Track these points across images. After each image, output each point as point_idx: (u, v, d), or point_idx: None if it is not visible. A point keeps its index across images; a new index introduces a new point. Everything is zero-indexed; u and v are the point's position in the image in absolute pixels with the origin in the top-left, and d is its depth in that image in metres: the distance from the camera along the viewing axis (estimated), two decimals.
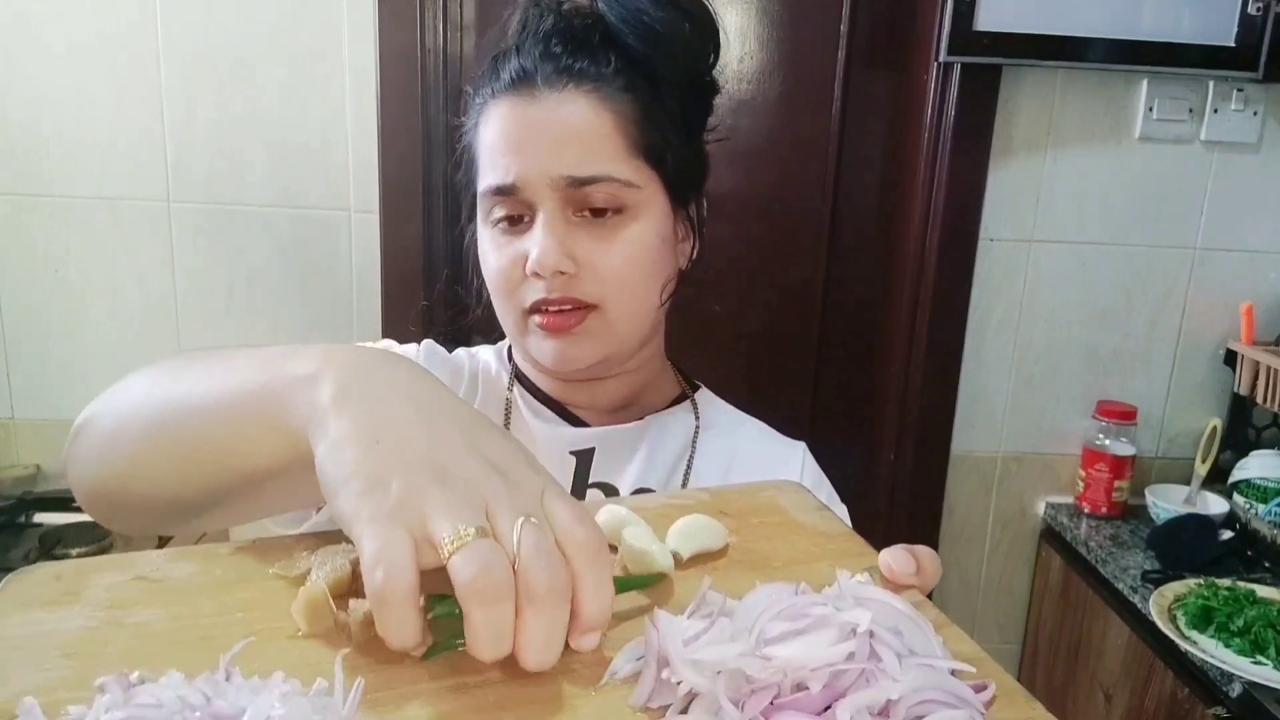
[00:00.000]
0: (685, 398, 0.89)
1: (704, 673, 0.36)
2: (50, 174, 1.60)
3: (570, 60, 0.74)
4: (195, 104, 1.59)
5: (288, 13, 1.56)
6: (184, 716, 0.33)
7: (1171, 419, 1.78)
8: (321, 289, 1.66)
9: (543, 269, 0.72)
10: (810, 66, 1.70)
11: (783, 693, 0.35)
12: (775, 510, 0.56)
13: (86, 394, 0.62)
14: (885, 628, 0.38)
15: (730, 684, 0.36)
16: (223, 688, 0.35)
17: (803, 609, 0.39)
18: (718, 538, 0.51)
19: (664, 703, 0.38)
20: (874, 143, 1.75)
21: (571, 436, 0.82)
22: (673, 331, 0.88)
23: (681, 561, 0.49)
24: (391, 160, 1.60)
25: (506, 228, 0.75)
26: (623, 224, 0.74)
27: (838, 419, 1.86)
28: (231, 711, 0.33)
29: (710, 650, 0.37)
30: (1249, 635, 1.24)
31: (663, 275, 0.79)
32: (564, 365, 0.77)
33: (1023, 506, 1.81)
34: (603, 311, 0.75)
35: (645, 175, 0.75)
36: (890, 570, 0.48)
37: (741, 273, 1.76)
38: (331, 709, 0.34)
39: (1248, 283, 1.72)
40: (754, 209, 1.75)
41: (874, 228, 1.79)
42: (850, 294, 1.81)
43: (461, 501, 0.40)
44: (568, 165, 0.72)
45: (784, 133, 1.73)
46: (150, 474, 0.55)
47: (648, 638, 0.39)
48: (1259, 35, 1.54)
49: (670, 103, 0.76)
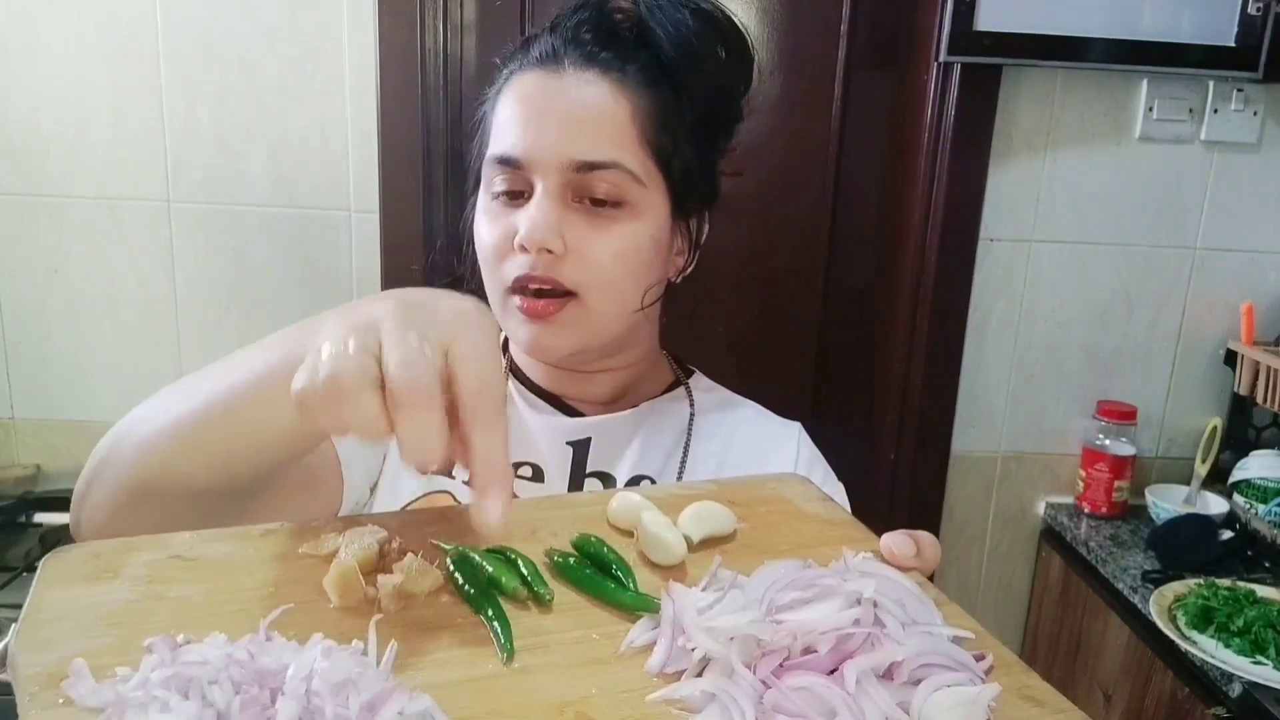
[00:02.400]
0: (679, 384, 0.89)
1: (718, 639, 0.38)
2: (50, 174, 1.60)
3: (598, 48, 0.75)
4: (195, 104, 1.59)
5: (288, 13, 1.56)
6: (229, 673, 0.35)
7: (1171, 419, 1.78)
8: (321, 289, 1.66)
9: (530, 243, 0.72)
10: (810, 66, 1.70)
11: (792, 655, 0.37)
12: (780, 500, 0.58)
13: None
14: (889, 599, 0.39)
15: (742, 649, 0.38)
16: (265, 647, 0.37)
17: (810, 580, 0.41)
18: (727, 523, 0.53)
19: (679, 668, 0.40)
20: (874, 143, 1.75)
21: (568, 427, 0.83)
22: (671, 332, 0.88)
23: (693, 544, 0.51)
24: (391, 160, 1.60)
25: (506, 201, 0.76)
26: (619, 218, 0.75)
27: (838, 418, 1.86)
28: (275, 667, 0.35)
29: (724, 618, 0.39)
30: (1249, 635, 1.24)
31: (649, 279, 0.78)
32: (539, 353, 0.78)
33: (1023, 506, 1.81)
34: (581, 301, 0.75)
35: (651, 173, 0.75)
36: (891, 553, 0.50)
37: (741, 272, 1.76)
38: (369, 666, 0.36)
39: (1248, 283, 1.71)
40: (754, 209, 1.74)
41: (874, 228, 1.79)
42: (850, 294, 1.81)
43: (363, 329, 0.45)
44: (579, 149, 0.72)
45: (784, 133, 1.72)
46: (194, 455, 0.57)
47: (663, 608, 0.42)
48: (1259, 35, 1.54)
49: (688, 112, 0.77)
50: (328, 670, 0.35)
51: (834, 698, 0.35)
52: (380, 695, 0.35)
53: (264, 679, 0.35)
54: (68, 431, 1.69)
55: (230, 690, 0.35)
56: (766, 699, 0.36)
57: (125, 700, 0.35)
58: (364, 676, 0.36)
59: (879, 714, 0.35)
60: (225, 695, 0.34)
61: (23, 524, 1.58)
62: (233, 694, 0.34)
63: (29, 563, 1.39)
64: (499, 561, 0.48)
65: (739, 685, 0.37)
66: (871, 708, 0.35)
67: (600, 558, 0.49)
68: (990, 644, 0.42)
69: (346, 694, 0.34)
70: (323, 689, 0.34)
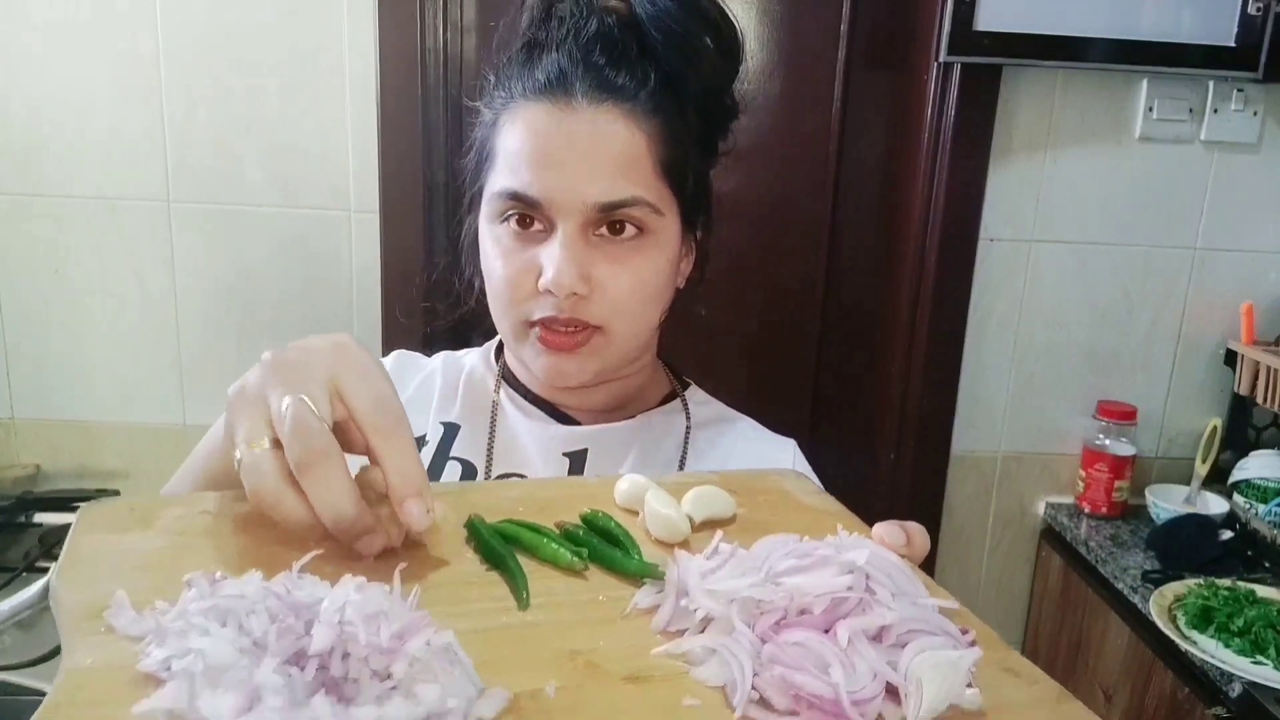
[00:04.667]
0: (675, 396, 0.89)
1: (719, 600, 0.42)
2: (50, 174, 1.60)
3: (612, 74, 0.73)
4: (195, 104, 1.59)
5: (288, 13, 1.56)
6: (266, 604, 0.37)
7: (1171, 419, 1.78)
8: (321, 289, 1.66)
9: (558, 289, 0.71)
10: (810, 66, 1.70)
11: (789, 616, 0.40)
12: (779, 491, 0.61)
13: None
14: (880, 571, 0.43)
15: (742, 610, 0.41)
16: (299, 583, 0.40)
17: (807, 550, 0.44)
18: (727, 507, 0.56)
19: (681, 627, 0.43)
20: (874, 143, 1.75)
21: (564, 436, 0.82)
22: (671, 333, 0.88)
23: (695, 524, 0.54)
24: (391, 160, 1.60)
25: (519, 232, 0.74)
26: (639, 248, 0.74)
27: (838, 419, 1.86)
28: (309, 600, 0.38)
29: (725, 582, 0.42)
30: (1249, 635, 1.24)
31: (666, 298, 0.79)
32: (559, 381, 0.77)
33: (1023, 506, 1.81)
34: (606, 333, 0.75)
35: (666, 199, 0.75)
36: (882, 541, 0.52)
37: (741, 273, 1.76)
38: (399, 601, 0.39)
39: (1248, 283, 1.71)
40: (754, 209, 1.74)
41: (874, 227, 1.79)
42: (850, 294, 1.81)
43: (255, 409, 0.49)
44: (601, 190, 0.71)
45: (784, 132, 1.73)
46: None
47: (669, 572, 0.45)
48: (1259, 35, 1.54)
49: (692, 118, 0.76)
50: (360, 602, 0.37)
51: (828, 652, 0.38)
52: (409, 626, 0.37)
53: (299, 611, 0.37)
54: (68, 431, 1.69)
55: (266, 620, 0.36)
56: (764, 652, 0.39)
57: (165, 629, 0.37)
58: (394, 609, 0.38)
59: (869, 669, 0.38)
60: (262, 624, 0.36)
61: (22, 524, 1.57)
62: (269, 623, 0.36)
63: (29, 563, 1.39)
64: (526, 529, 0.51)
65: (738, 641, 0.39)
66: (862, 663, 0.38)
67: (608, 531, 0.52)
68: (974, 623, 0.45)
69: (378, 624, 0.36)
70: (356, 619, 0.36)
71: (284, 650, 0.35)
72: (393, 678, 0.35)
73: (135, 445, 1.70)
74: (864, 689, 0.37)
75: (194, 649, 0.35)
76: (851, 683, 0.37)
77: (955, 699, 0.38)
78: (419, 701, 0.34)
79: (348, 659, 0.35)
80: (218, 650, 0.34)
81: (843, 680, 0.37)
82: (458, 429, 0.84)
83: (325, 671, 0.35)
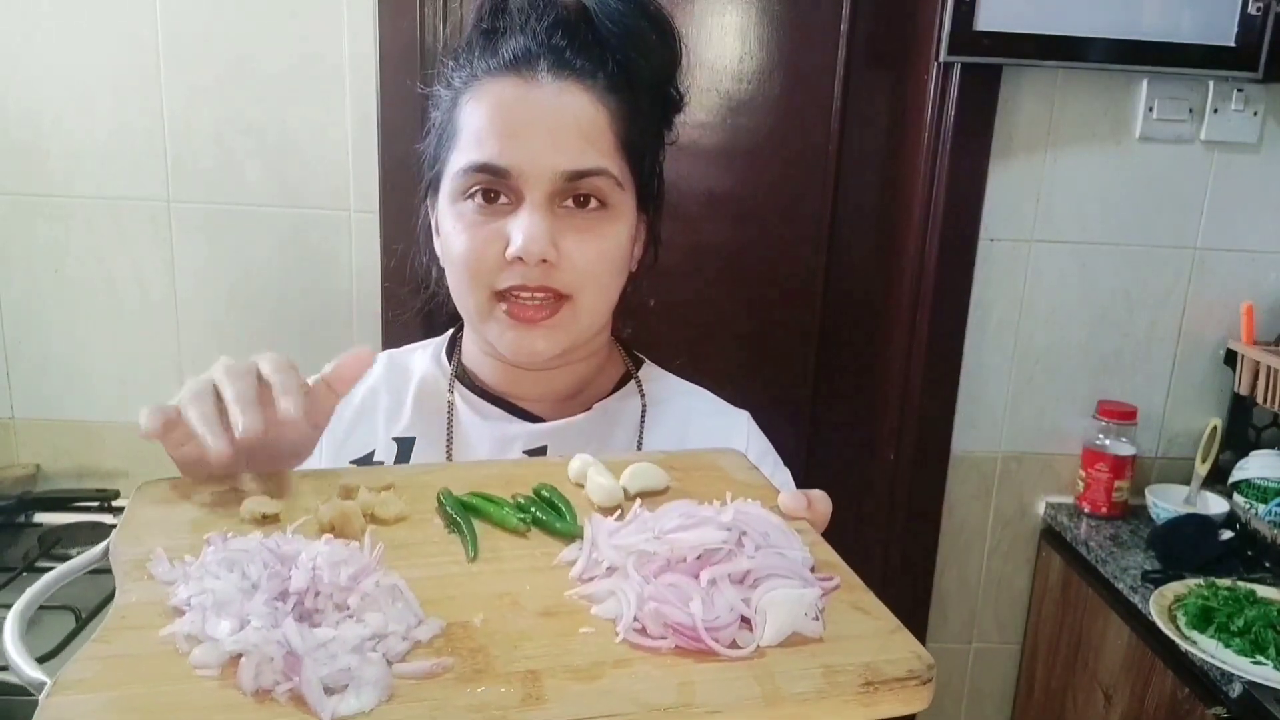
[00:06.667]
0: (630, 378, 0.90)
1: (620, 553, 0.52)
2: (50, 174, 1.60)
3: (572, 56, 0.75)
4: (195, 104, 1.59)
5: (287, 12, 1.56)
6: (262, 555, 0.49)
7: (1171, 419, 1.78)
8: (321, 289, 1.66)
9: (529, 255, 0.73)
10: (810, 66, 1.70)
11: (671, 564, 0.50)
12: (714, 468, 0.70)
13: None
14: (755, 530, 0.52)
15: (637, 561, 0.51)
16: (289, 540, 0.52)
17: (693, 512, 0.54)
18: (660, 481, 0.65)
19: (593, 574, 0.53)
20: (874, 143, 1.75)
21: (524, 435, 0.83)
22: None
23: (629, 494, 0.63)
24: (391, 160, 1.60)
25: (483, 206, 0.75)
26: (603, 219, 0.76)
27: (838, 419, 1.86)
28: (293, 552, 0.50)
29: (626, 539, 0.53)
30: (1249, 635, 1.24)
31: (625, 274, 0.82)
32: (526, 357, 0.78)
33: (1023, 506, 1.81)
34: (574, 303, 0.76)
35: (626, 175, 0.78)
36: (786, 507, 0.60)
37: (741, 272, 1.76)
38: (359, 553, 0.50)
39: (1248, 283, 1.71)
40: (754, 209, 1.74)
41: (874, 228, 1.79)
42: (850, 294, 1.81)
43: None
44: (569, 159, 0.73)
45: (784, 132, 1.73)
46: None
47: (585, 531, 0.55)
48: (1259, 35, 1.54)
49: (645, 106, 0.79)
50: (329, 553, 0.49)
51: (692, 590, 0.48)
52: (364, 569, 0.49)
53: (285, 560, 0.49)
54: (68, 431, 1.69)
55: (261, 567, 0.48)
56: (646, 592, 0.48)
57: (188, 574, 0.50)
58: (353, 558, 0.49)
59: (726, 604, 0.47)
60: (257, 570, 0.48)
61: (22, 524, 1.58)
62: (263, 569, 0.48)
63: (29, 563, 1.39)
64: (484, 500, 0.61)
65: (628, 583, 0.49)
66: (721, 600, 0.48)
67: (550, 501, 0.62)
68: (846, 575, 0.53)
69: (340, 569, 0.48)
70: (323, 565, 0.48)
71: (273, 589, 0.47)
72: (350, 608, 0.46)
73: (135, 445, 1.69)
74: (719, 618, 0.47)
75: (208, 589, 0.47)
76: (709, 613, 0.47)
77: (799, 628, 0.47)
78: (367, 625, 0.45)
79: (319, 596, 0.47)
80: (224, 589, 0.47)
81: (700, 611, 0.47)
82: (413, 442, 0.85)
83: (302, 605, 0.47)
